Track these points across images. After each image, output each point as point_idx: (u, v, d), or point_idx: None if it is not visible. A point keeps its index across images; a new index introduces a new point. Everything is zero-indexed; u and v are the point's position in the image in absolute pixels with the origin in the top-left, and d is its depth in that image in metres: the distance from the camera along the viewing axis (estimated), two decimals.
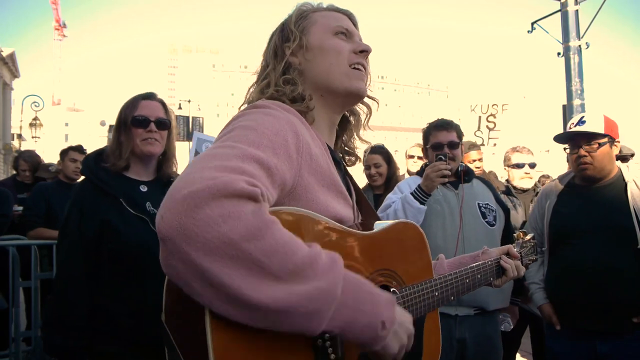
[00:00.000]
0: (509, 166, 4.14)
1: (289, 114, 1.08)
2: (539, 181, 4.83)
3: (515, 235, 1.85)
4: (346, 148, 1.39)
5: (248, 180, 0.80)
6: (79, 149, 4.73)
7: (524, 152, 4.09)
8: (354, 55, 1.24)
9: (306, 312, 0.78)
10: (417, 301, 1.17)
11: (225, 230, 0.73)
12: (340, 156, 1.35)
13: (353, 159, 1.40)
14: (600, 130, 2.45)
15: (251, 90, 1.28)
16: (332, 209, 1.06)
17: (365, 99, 1.34)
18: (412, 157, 4.70)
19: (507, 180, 4.17)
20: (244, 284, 0.74)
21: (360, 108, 1.39)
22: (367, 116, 1.40)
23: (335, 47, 1.22)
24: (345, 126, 1.38)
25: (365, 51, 1.25)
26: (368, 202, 1.34)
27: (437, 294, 1.24)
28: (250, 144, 0.90)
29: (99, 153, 2.15)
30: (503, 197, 3.52)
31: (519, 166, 4.02)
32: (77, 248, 1.92)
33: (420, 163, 4.63)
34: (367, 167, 4.03)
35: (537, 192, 3.64)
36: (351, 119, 1.38)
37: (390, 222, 1.18)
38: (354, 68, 1.23)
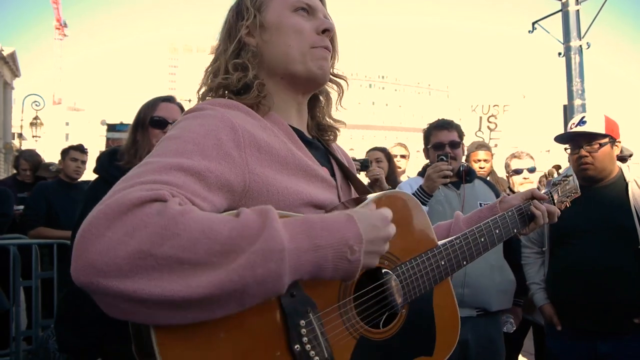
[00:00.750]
0: (509, 173, 4.16)
1: (228, 109, 1.00)
2: (539, 181, 4.82)
3: (545, 174, 1.68)
4: (324, 125, 1.28)
5: (149, 187, 0.74)
6: (79, 148, 4.74)
7: (522, 157, 4.10)
8: (316, 36, 1.12)
9: (258, 281, 0.72)
10: (417, 276, 1.08)
11: (134, 245, 0.67)
12: (314, 136, 1.24)
13: (332, 136, 1.28)
14: (601, 130, 2.45)
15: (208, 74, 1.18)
16: (305, 195, 0.99)
17: (334, 79, 1.25)
18: (395, 156, 4.73)
19: (509, 187, 4.17)
20: (179, 286, 0.68)
21: (330, 86, 1.27)
22: (338, 95, 1.29)
23: (295, 26, 1.11)
24: (317, 104, 1.28)
25: (328, 30, 1.13)
26: (360, 180, 1.25)
27: (443, 262, 1.13)
28: (171, 154, 0.84)
29: (113, 152, 2.18)
30: None
31: (517, 172, 4.04)
32: None
33: (404, 162, 4.68)
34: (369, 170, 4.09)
35: None
36: (321, 98, 1.28)
37: (372, 196, 1.06)
38: (315, 49, 1.12)
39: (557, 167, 1.60)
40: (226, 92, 1.10)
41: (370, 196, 1.05)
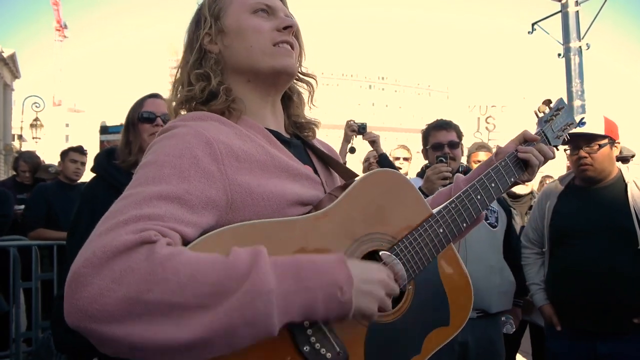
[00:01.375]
0: None
1: (200, 121, 0.99)
2: (541, 182, 4.82)
3: (535, 111, 1.52)
4: (301, 123, 1.25)
5: (135, 229, 0.74)
6: (79, 149, 4.73)
7: None
8: (277, 33, 1.10)
9: (247, 322, 0.72)
10: (417, 249, 1.04)
11: (123, 292, 0.68)
12: (293, 134, 1.22)
13: (311, 133, 1.26)
14: (601, 131, 2.45)
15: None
16: (290, 195, 0.98)
17: (304, 77, 1.23)
18: (397, 158, 4.71)
19: None
20: (170, 330, 0.69)
21: (300, 86, 1.25)
22: (310, 94, 1.26)
23: (254, 27, 1.09)
24: (291, 104, 1.25)
25: (289, 27, 1.11)
26: (347, 168, 1.23)
27: (441, 230, 1.09)
28: (149, 182, 0.83)
29: (110, 151, 2.20)
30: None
31: None
32: None
33: (407, 165, 4.66)
34: (365, 160, 4.13)
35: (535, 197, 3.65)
36: (294, 98, 1.25)
37: (357, 179, 1.03)
38: (278, 46, 1.10)
39: (548, 102, 1.50)
40: (194, 103, 1.08)
41: (356, 180, 1.03)
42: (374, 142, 3.73)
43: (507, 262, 2.76)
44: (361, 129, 3.71)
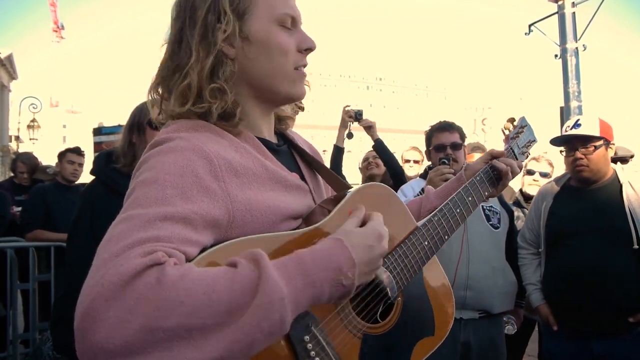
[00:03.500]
0: (522, 172, 4.13)
1: (196, 132, 0.94)
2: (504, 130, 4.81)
3: (502, 129, 1.64)
4: (280, 116, 1.21)
5: (142, 251, 0.72)
6: (76, 150, 4.73)
7: (540, 160, 4.08)
8: (299, 56, 1.06)
9: (265, 333, 0.72)
10: (406, 262, 1.08)
11: (140, 322, 0.65)
12: (278, 135, 1.19)
13: (290, 123, 1.23)
14: (596, 133, 2.47)
15: (162, 76, 1.02)
16: (285, 210, 0.98)
17: None
18: (408, 161, 4.69)
19: (520, 189, 4.17)
20: (191, 354, 0.67)
21: None
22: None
23: (281, 46, 1.02)
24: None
25: (310, 49, 1.07)
26: (328, 171, 1.22)
27: (426, 243, 1.13)
28: (152, 203, 0.80)
29: (109, 153, 2.17)
30: (514, 209, 3.45)
31: (530, 172, 4.00)
32: (88, 248, 1.93)
33: (417, 167, 4.62)
34: (364, 160, 4.13)
35: None
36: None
37: (346, 196, 1.04)
38: (298, 70, 1.06)
39: (512, 120, 1.62)
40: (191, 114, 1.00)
41: (347, 197, 1.03)
42: (370, 128, 3.72)
43: (509, 263, 2.77)
44: (358, 116, 3.72)
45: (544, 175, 4.03)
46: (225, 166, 0.90)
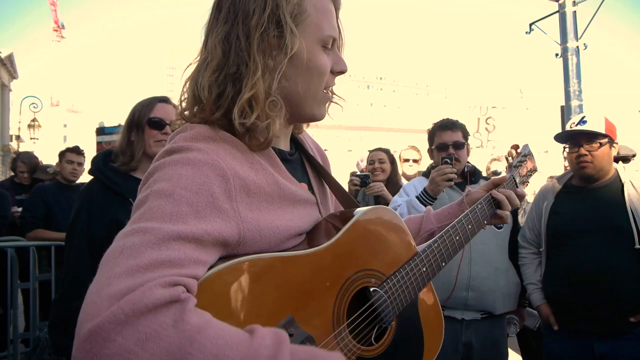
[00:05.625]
0: (488, 175, 4.22)
1: (214, 143, 0.91)
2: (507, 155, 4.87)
3: (506, 156, 1.67)
4: (295, 127, 1.19)
5: (164, 281, 0.70)
6: (76, 150, 4.71)
7: (501, 160, 4.14)
8: (331, 77, 1.05)
9: None
10: (403, 288, 1.09)
11: (145, 359, 0.64)
12: (291, 149, 1.16)
13: (303, 126, 1.21)
14: (601, 130, 2.47)
15: (203, 84, 0.95)
16: (293, 229, 0.98)
17: None
18: (407, 160, 4.68)
19: None
20: None
21: None
22: None
23: (321, 69, 1.01)
24: None
25: (342, 72, 1.07)
26: (335, 183, 1.22)
27: (424, 269, 1.15)
28: (167, 218, 0.78)
29: (107, 153, 2.17)
30: None
31: (495, 174, 4.06)
32: (86, 249, 1.92)
33: (416, 166, 4.63)
34: (370, 162, 4.08)
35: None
36: None
37: (353, 218, 1.04)
38: (326, 92, 1.06)
39: (516, 147, 1.65)
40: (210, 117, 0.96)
41: (355, 216, 1.04)
42: (379, 197, 3.67)
43: (512, 263, 2.76)
44: (363, 183, 3.68)
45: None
46: (240, 185, 0.89)
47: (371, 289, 1.04)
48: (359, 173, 4.03)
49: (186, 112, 1.01)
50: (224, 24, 0.97)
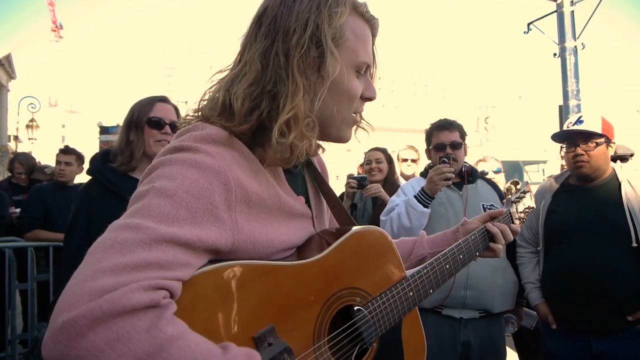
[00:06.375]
0: None
1: (222, 148, 0.90)
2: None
3: (505, 191, 1.69)
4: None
5: (147, 284, 0.70)
6: (64, 150, 4.61)
7: (487, 159, 4.17)
8: (360, 102, 1.05)
9: None
10: (388, 310, 1.09)
11: (113, 359, 0.64)
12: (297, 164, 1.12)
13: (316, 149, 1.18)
14: (598, 130, 2.47)
15: (237, 94, 0.94)
16: (286, 243, 0.98)
17: None
18: (405, 160, 4.67)
19: None
20: None
21: None
22: None
23: (352, 93, 1.01)
24: None
25: (371, 99, 1.07)
26: (339, 204, 1.22)
27: (411, 294, 1.14)
28: (163, 219, 0.78)
29: (106, 153, 2.16)
30: None
31: (483, 174, 4.07)
32: (84, 249, 1.92)
33: (414, 166, 4.62)
34: (367, 162, 4.05)
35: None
36: None
37: (345, 235, 1.04)
38: (353, 115, 1.05)
39: (515, 183, 1.68)
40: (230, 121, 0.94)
41: (348, 234, 1.04)
42: (377, 198, 3.67)
43: (509, 261, 2.76)
44: (360, 185, 3.66)
45: (497, 172, 4.21)
46: (241, 195, 0.88)
47: (355, 308, 1.03)
48: (355, 175, 4.01)
49: (210, 114, 0.98)
50: (263, 40, 0.96)
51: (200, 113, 1.00)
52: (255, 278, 0.86)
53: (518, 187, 1.66)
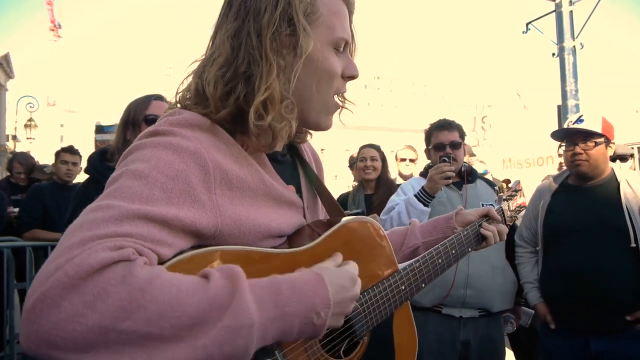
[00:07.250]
0: None
1: (199, 132, 0.87)
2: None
3: (497, 188, 1.69)
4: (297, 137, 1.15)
5: (112, 244, 0.66)
6: (69, 150, 4.65)
7: (472, 163, 4.20)
8: (341, 82, 1.01)
9: (225, 356, 0.68)
10: (379, 303, 1.07)
11: (95, 319, 0.60)
12: (283, 150, 1.11)
13: (302, 135, 1.15)
14: (598, 129, 2.48)
15: (208, 79, 0.91)
16: (274, 229, 0.94)
17: None
18: (404, 160, 4.65)
19: None
20: None
21: None
22: None
23: (331, 71, 0.97)
24: None
25: (353, 77, 1.03)
26: (331, 197, 1.19)
27: (403, 287, 1.12)
28: (136, 199, 0.74)
29: (103, 151, 2.15)
30: None
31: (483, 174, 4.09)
32: None
33: (413, 166, 4.61)
34: (362, 160, 3.95)
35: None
36: None
37: (336, 225, 1.01)
38: (335, 98, 1.02)
39: (507, 182, 1.68)
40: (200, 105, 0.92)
41: (339, 224, 1.01)
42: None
43: (509, 261, 2.77)
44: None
45: (483, 174, 4.25)
46: (221, 177, 0.85)
47: None
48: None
49: (187, 103, 0.96)
50: (234, 21, 0.94)
51: (178, 105, 0.98)
52: (242, 264, 0.80)
53: (510, 185, 1.66)
